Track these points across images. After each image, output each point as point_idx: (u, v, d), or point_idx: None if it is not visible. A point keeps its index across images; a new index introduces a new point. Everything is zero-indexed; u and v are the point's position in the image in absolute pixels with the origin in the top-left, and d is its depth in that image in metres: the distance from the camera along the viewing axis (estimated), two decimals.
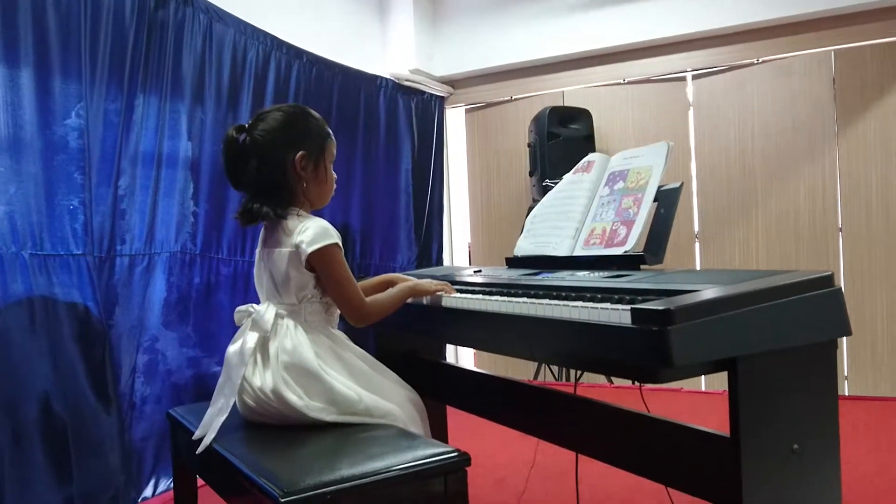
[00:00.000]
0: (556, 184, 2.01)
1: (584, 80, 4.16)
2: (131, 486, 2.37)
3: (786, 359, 1.21)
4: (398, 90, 4.05)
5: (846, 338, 3.14)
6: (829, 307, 1.26)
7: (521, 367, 4.09)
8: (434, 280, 1.68)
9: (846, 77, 3.52)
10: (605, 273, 1.54)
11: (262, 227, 1.56)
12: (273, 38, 3.08)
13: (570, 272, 1.64)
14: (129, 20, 2.40)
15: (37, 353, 2.09)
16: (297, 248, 1.44)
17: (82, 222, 2.24)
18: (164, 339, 2.54)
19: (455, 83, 4.53)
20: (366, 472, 1.16)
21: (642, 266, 1.61)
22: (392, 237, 3.98)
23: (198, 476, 1.68)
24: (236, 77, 2.88)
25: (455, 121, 4.70)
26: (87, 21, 2.26)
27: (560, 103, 4.15)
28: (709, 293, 1.14)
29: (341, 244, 1.47)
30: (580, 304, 1.23)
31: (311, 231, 1.44)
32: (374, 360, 1.58)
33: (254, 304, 1.51)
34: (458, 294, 1.61)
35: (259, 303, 1.53)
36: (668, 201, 1.64)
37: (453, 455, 1.23)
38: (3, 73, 2.06)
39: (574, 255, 1.76)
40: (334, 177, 1.60)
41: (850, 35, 3.48)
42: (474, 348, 3.84)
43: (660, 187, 1.65)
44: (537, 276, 1.65)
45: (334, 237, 1.45)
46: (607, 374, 3.34)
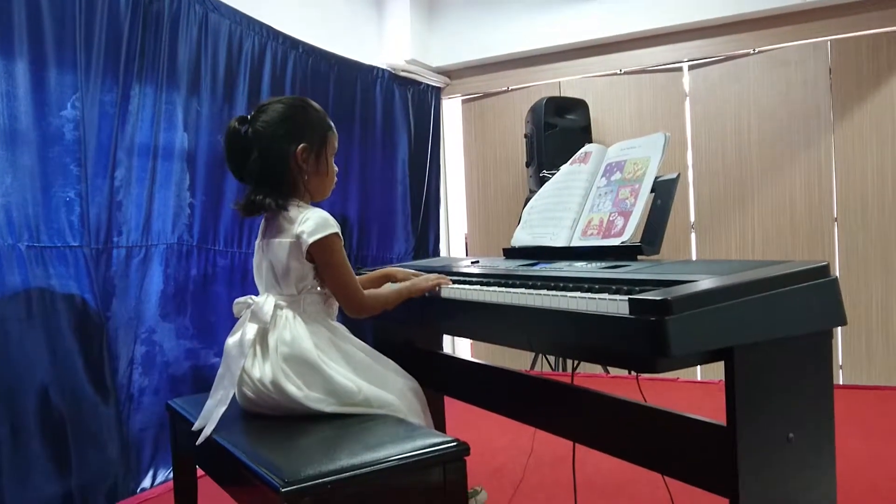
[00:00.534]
0: (554, 174, 2.01)
1: (581, 71, 4.16)
2: (130, 477, 2.38)
3: (781, 348, 1.22)
4: (394, 81, 4.04)
5: (841, 327, 3.16)
6: (824, 297, 1.26)
7: (518, 358, 4.11)
8: (431, 275, 1.68)
9: (842, 67, 3.52)
10: (603, 263, 1.54)
11: (263, 218, 1.56)
12: (269, 29, 3.07)
13: (567, 263, 1.65)
14: (125, 10, 2.39)
15: (34, 344, 2.09)
16: (298, 238, 1.44)
17: (79, 214, 2.24)
18: (161, 330, 2.54)
19: (451, 74, 4.52)
20: (365, 462, 1.17)
21: (639, 256, 1.61)
22: (389, 228, 3.98)
23: (197, 466, 1.69)
24: (232, 68, 2.87)
25: (452, 111, 4.69)
26: (82, 11, 2.24)
27: (557, 94, 4.14)
28: (705, 283, 1.15)
29: (341, 234, 1.47)
30: (577, 294, 1.24)
31: (312, 221, 1.44)
32: (374, 350, 1.59)
33: (252, 296, 1.51)
34: (455, 285, 1.61)
35: (257, 294, 1.53)
36: (664, 192, 1.64)
37: (452, 445, 1.24)
38: None
39: (571, 245, 1.77)
40: (335, 169, 1.60)
41: (846, 25, 3.48)
42: (472, 339, 3.85)
43: (657, 178, 1.66)
44: (535, 267, 1.66)
45: (334, 227, 1.46)
46: (604, 364, 3.35)
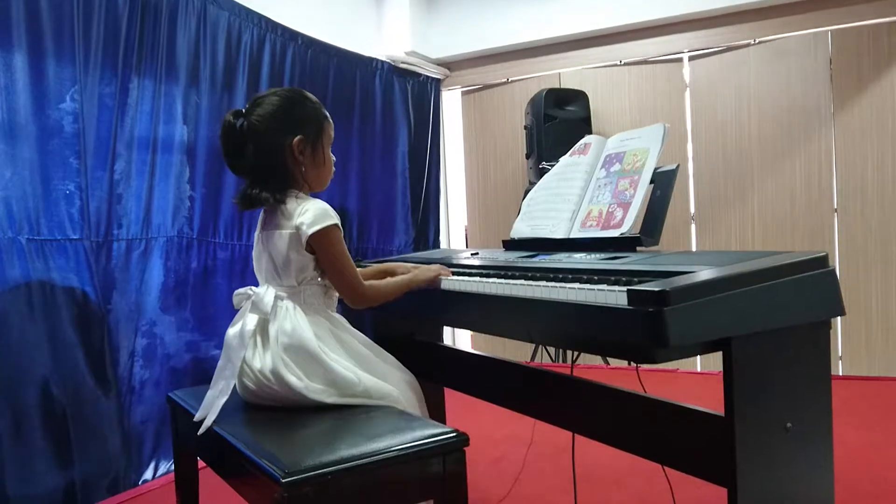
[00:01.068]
0: (553, 166, 2.01)
1: (581, 62, 4.15)
2: (131, 469, 2.39)
3: (780, 339, 1.22)
4: (394, 72, 4.03)
5: (840, 318, 3.16)
6: (823, 288, 1.26)
7: (518, 349, 4.12)
8: (432, 266, 1.68)
9: (843, 57, 3.51)
10: (602, 255, 1.55)
11: (262, 211, 1.56)
12: (268, 21, 3.06)
13: (566, 254, 1.65)
14: (123, 2, 2.38)
15: (35, 337, 2.10)
16: (298, 229, 1.44)
17: (79, 207, 2.24)
18: (161, 323, 2.54)
19: (451, 65, 4.51)
20: (365, 452, 1.17)
21: (638, 248, 1.61)
22: (389, 220, 3.98)
23: (198, 458, 1.69)
24: (231, 60, 2.86)
25: (451, 103, 4.68)
26: (80, 3, 2.24)
27: (556, 85, 4.13)
28: (704, 274, 1.15)
29: (340, 225, 1.47)
30: (577, 285, 1.24)
31: (312, 213, 1.44)
32: (373, 343, 1.59)
33: (253, 287, 1.51)
34: (455, 277, 1.61)
35: (258, 286, 1.53)
36: (664, 183, 1.64)
37: (452, 435, 1.25)
38: None
39: (571, 237, 1.77)
40: (333, 159, 1.60)
41: (846, 15, 3.47)
42: (472, 330, 3.86)
43: (656, 169, 1.66)
44: (534, 259, 1.66)
45: (334, 218, 1.46)
46: (604, 356, 3.36)
